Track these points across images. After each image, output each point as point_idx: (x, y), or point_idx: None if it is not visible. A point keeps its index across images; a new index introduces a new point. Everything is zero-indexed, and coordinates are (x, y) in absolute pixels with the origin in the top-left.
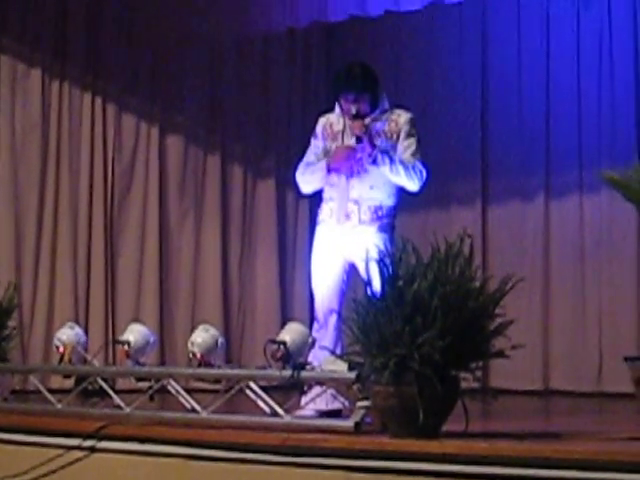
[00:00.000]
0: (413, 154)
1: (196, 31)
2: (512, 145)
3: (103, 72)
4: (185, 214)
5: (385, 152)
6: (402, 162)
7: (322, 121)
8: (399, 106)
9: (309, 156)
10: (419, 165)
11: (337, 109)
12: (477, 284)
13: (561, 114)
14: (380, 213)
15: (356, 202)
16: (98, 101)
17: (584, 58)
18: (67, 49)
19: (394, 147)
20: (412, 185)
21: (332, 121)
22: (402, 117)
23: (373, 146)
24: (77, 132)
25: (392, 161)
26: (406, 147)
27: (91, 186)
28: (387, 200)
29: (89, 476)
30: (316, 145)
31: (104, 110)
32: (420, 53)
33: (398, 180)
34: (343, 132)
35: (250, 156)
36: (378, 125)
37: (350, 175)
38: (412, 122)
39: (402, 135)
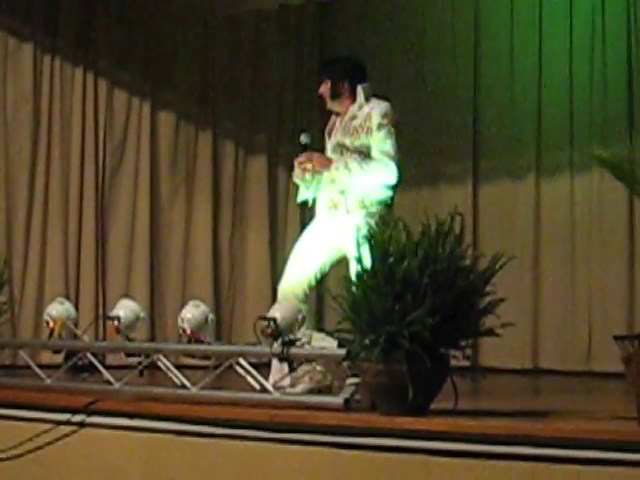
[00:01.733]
0: (381, 150)
1: (188, 7)
2: (503, 124)
3: (95, 47)
4: (176, 190)
5: (346, 167)
6: (364, 163)
7: (329, 125)
8: (376, 97)
9: None
10: (385, 159)
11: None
12: (467, 262)
13: (552, 94)
14: (367, 201)
15: (342, 192)
16: (90, 76)
17: (576, 38)
18: (59, 24)
19: (368, 143)
20: (383, 179)
21: (333, 119)
22: (375, 109)
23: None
24: (68, 107)
25: (349, 171)
26: (376, 143)
27: (82, 161)
28: (374, 190)
29: (78, 451)
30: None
31: (96, 85)
32: (413, 31)
33: (369, 180)
34: (332, 128)
35: (241, 133)
36: (355, 121)
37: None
38: (383, 113)
39: (373, 128)
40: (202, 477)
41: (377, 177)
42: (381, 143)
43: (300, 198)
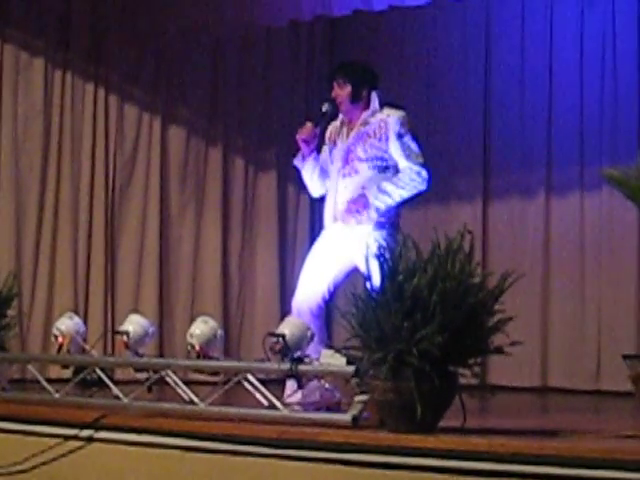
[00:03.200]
0: (408, 157)
1: (199, 22)
2: (513, 142)
3: (106, 62)
4: (186, 205)
5: (381, 191)
6: (397, 180)
7: (330, 128)
8: (390, 105)
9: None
10: (415, 167)
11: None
12: (477, 280)
13: (563, 111)
14: (377, 212)
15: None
16: (101, 91)
17: (587, 55)
18: (70, 39)
19: (385, 149)
20: (419, 189)
21: (336, 126)
22: (391, 117)
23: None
24: (79, 122)
25: (387, 194)
26: (400, 152)
27: (92, 176)
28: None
29: (86, 466)
30: (324, 149)
31: (106, 100)
32: (423, 49)
33: (408, 196)
34: (339, 133)
35: (252, 148)
36: (368, 127)
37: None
38: (402, 121)
39: (392, 137)
40: None
41: (414, 189)
42: (407, 151)
43: (295, 161)
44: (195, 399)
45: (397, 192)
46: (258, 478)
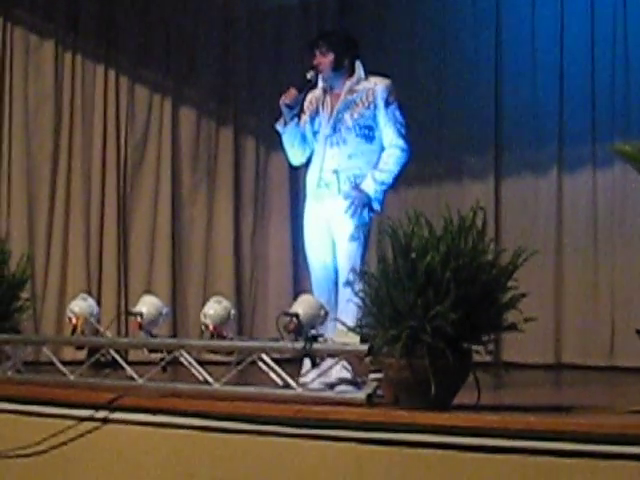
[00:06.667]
0: (393, 125)
1: (209, 3)
2: (525, 118)
3: (116, 44)
4: (198, 186)
5: (376, 182)
6: (384, 164)
7: (309, 97)
8: (375, 73)
9: None
10: (399, 142)
11: (320, 82)
12: (490, 257)
13: (574, 87)
14: (359, 181)
15: (335, 172)
16: (111, 73)
17: (598, 31)
18: (80, 21)
19: (372, 117)
20: (404, 162)
21: (316, 95)
22: (378, 85)
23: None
24: (90, 104)
25: (380, 183)
26: (386, 120)
27: (104, 158)
28: (367, 168)
29: (101, 447)
30: (303, 119)
31: (117, 82)
32: (434, 27)
33: (397, 172)
34: (323, 102)
35: (262, 128)
36: (355, 95)
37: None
38: (389, 89)
39: (380, 104)
40: (225, 472)
41: (400, 165)
42: (393, 119)
43: (277, 126)
44: (209, 379)
45: (390, 175)
46: (273, 457)
